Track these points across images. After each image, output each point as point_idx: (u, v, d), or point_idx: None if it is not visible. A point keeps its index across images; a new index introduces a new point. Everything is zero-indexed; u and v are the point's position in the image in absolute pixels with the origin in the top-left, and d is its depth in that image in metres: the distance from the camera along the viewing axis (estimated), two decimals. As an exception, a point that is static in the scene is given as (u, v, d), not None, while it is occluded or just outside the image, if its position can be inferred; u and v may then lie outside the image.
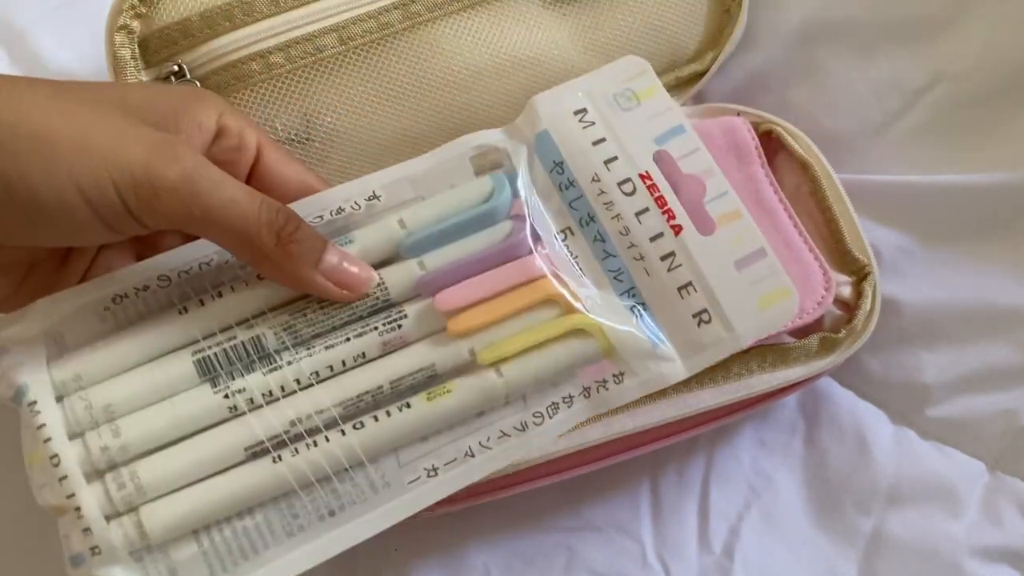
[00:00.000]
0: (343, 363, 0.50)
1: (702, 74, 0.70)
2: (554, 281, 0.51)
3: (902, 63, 0.69)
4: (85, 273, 0.52)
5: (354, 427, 0.48)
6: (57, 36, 0.73)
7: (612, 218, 0.53)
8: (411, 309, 0.51)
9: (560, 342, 0.50)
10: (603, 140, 0.54)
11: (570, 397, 0.51)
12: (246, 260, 0.49)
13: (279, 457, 0.48)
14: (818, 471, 0.66)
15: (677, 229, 0.52)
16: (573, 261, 0.53)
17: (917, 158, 0.69)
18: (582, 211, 0.54)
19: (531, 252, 0.52)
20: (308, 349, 0.49)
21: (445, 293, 0.50)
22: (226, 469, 0.48)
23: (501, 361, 0.50)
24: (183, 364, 0.49)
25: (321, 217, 0.52)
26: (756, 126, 0.66)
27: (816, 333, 0.61)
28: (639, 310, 0.52)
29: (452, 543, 0.64)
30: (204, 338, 0.49)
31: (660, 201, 0.53)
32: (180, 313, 0.50)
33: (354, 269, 0.50)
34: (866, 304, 0.61)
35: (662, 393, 0.58)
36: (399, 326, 0.50)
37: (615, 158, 0.54)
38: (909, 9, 0.69)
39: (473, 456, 0.50)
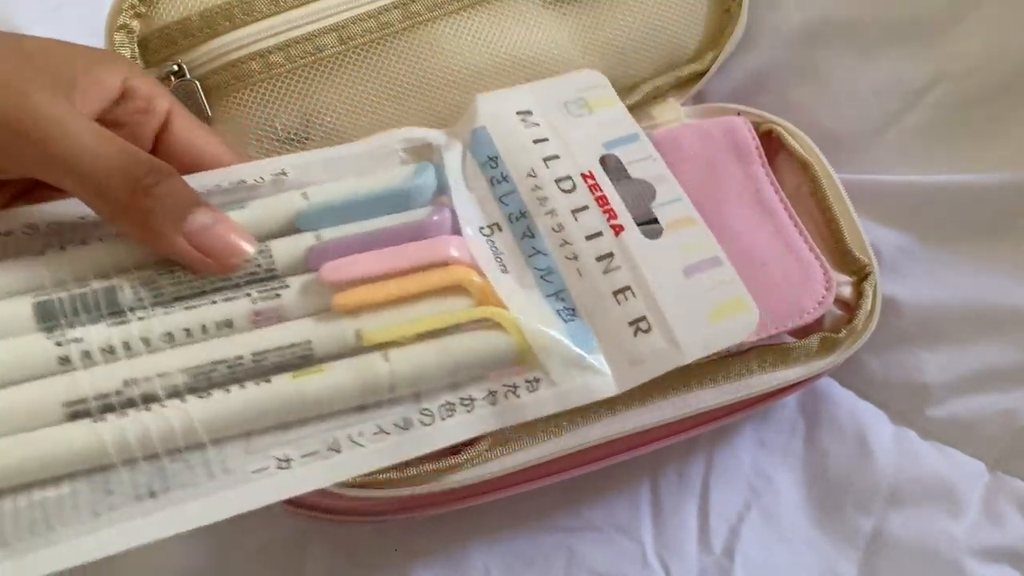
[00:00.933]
0: (203, 328, 0.43)
1: (702, 74, 0.70)
2: (471, 270, 0.45)
3: (902, 63, 0.69)
4: None
5: (198, 396, 0.41)
6: (57, 36, 0.73)
7: (545, 214, 0.48)
8: (296, 281, 0.44)
9: (467, 334, 0.44)
10: (545, 140, 0.50)
11: (471, 400, 0.43)
12: (102, 215, 0.44)
13: (102, 419, 0.40)
14: (818, 471, 0.66)
15: (618, 229, 0.47)
16: (497, 257, 0.47)
17: (917, 158, 0.69)
18: (513, 207, 0.48)
19: (448, 235, 0.46)
20: (167, 308, 0.43)
21: (334, 263, 0.44)
22: (39, 427, 0.40)
23: (390, 345, 0.43)
24: (21, 306, 0.42)
25: (219, 186, 0.46)
26: (756, 126, 0.67)
27: (816, 333, 0.61)
28: (567, 314, 0.46)
29: (452, 543, 0.64)
30: (53, 285, 0.43)
31: (601, 200, 0.48)
32: (36, 256, 0.44)
33: (229, 235, 0.44)
34: (866, 304, 0.61)
35: (661, 393, 0.58)
36: (277, 295, 0.44)
37: (556, 156, 0.49)
38: (909, 9, 0.69)
39: (339, 451, 0.42)
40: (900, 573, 0.63)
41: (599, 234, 0.47)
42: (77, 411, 0.40)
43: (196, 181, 0.45)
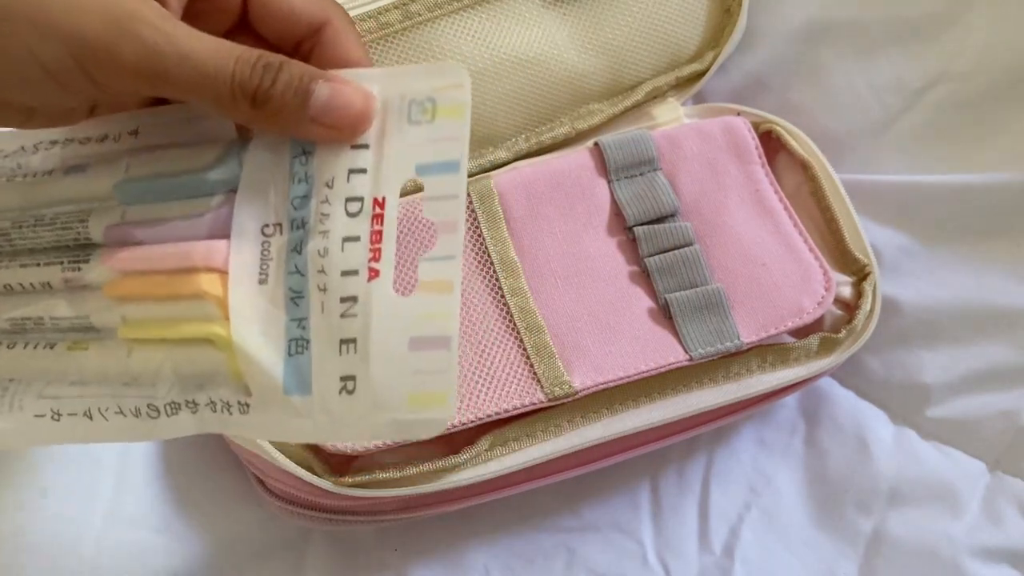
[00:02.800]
0: (29, 285, 0.47)
1: (702, 74, 0.69)
2: (218, 278, 0.44)
3: (903, 63, 0.69)
4: None
5: (7, 347, 0.47)
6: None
7: (319, 233, 0.44)
8: (96, 255, 0.46)
9: (196, 348, 0.44)
10: (365, 147, 0.45)
11: (195, 404, 0.44)
12: (227, 118, 0.45)
13: None
14: (818, 471, 0.67)
15: (373, 274, 0.43)
16: (264, 263, 0.45)
17: (917, 158, 0.69)
18: (300, 212, 0.45)
19: (214, 238, 0.45)
20: (10, 260, 0.47)
21: (118, 252, 0.44)
22: None
23: (136, 342, 0.45)
24: None
25: (88, 137, 0.48)
26: (756, 126, 0.67)
27: (816, 333, 0.61)
28: (299, 346, 0.44)
29: (452, 543, 0.64)
30: None
31: (375, 236, 0.43)
32: None
33: (350, 110, 0.43)
34: (866, 304, 0.62)
35: (661, 393, 0.59)
36: (79, 268, 0.46)
37: (363, 171, 0.45)
38: (909, 9, 0.69)
39: (91, 419, 0.45)
40: (900, 573, 0.63)
41: (354, 273, 0.43)
42: None
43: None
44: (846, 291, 0.62)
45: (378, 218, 0.44)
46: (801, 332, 0.61)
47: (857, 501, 0.65)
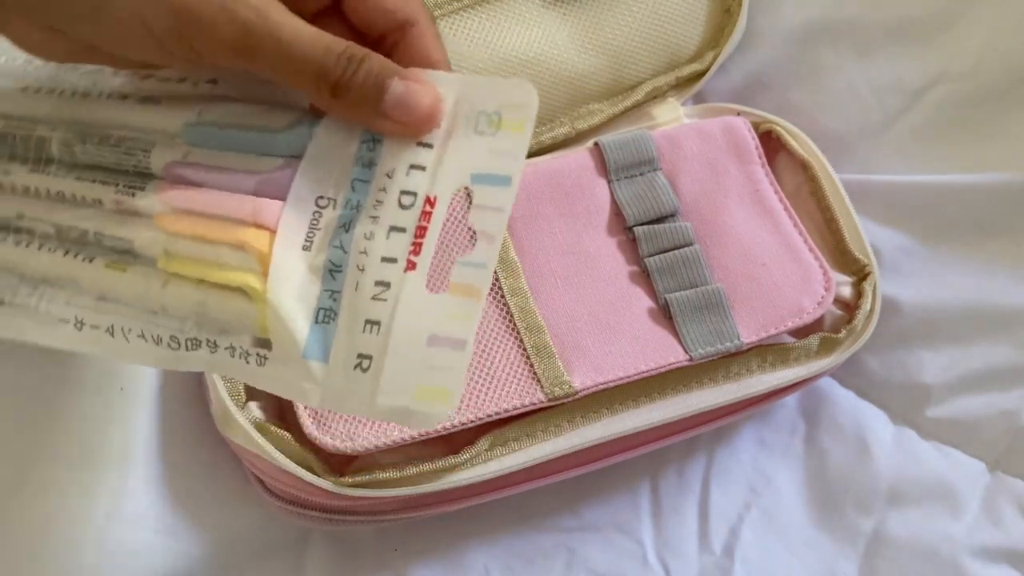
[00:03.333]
0: (81, 198, 0.49)
1: (702, 74, 0.69)
2: (266, 237, 0.46)
3: (902, 63, 0.69)
4: None
5: (48, 250, 0.49)
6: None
7: (370, 217, 0.46)
8: (152, 185, 0.48)
9: (231, 294, 0.46)
10: (429, 146, 0.47)
11: (215, 345, 0.47)
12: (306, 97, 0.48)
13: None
14: (818, 471, 0.67)
15: (410, 265, 0.45)
16: (311, 231, 0.47)
17: (917, 158, 0.69)
18: (356, 195, 0.47)
19: (275, 201, 0.47)
20: (68, 171, 0.50)
21: (174, 189, 0.47)
22: None
23: (174, 276, 0.47)
24: None
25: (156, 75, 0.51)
26: (756, 126, 0.67)
27: (816, 333, 0.61)
28: (326, 316, 0.46)
29: (452, 543, 0.64)
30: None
31: (420, 232, 0.45)
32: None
33: (422, 101, 0.45)
34: (866, 304, 0.62)
35: (661, 393, 0.59)
36: (132, 194, 0.48)
37: (422, 168, 0.47)
38: (909, 9, 0.69)
39: (112, 336, 0.48)
40: (900, 573, 0.63)
41: (393, 261, 0.46)
42: None
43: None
44: (846, 291, 0.63)
45: (426, 215, 0.46)
46: (801, 332, 0.61)
47: (857, 501, 0.65)
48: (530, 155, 0.66)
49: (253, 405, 0.57)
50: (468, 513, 0.63)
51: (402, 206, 0.46)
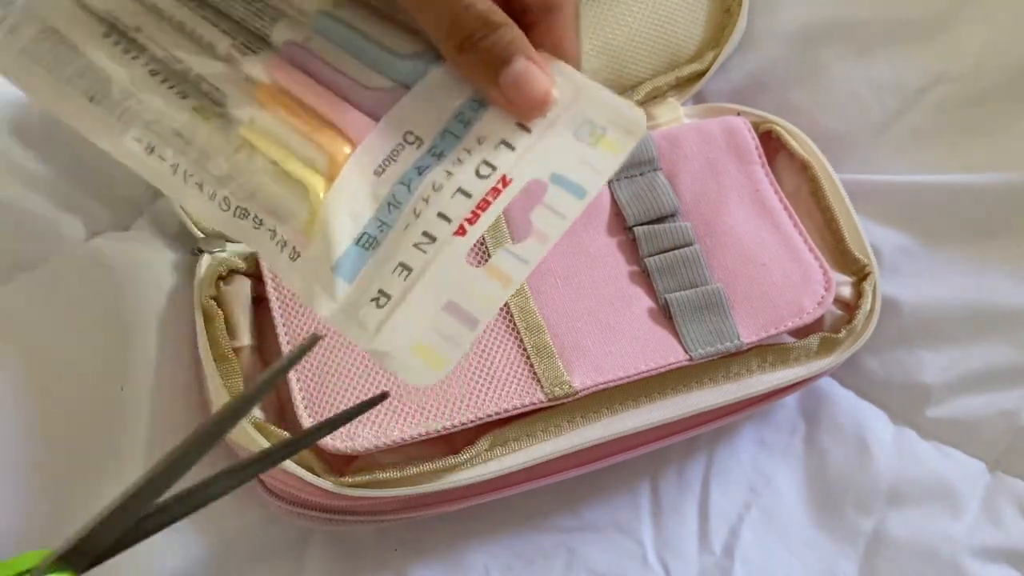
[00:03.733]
0: (198, 36, 0.52)
1: (702, 74, 0.69)
2: (346, 148, 0.49)
3: (902, 63, 0.69)
4: None
5: (149, 72, 0.52)
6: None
7: (446, 172, 0.47)
8: (264, 54, 0.51)
9: (293, 184, 0.49)
10: (528, 130, 0.48)
11: (260, 221, 0.49)
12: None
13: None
14: (818, 471, 0.66)
15: (461, 231, 0.46)
16: (387, 161, 0.49)
17: (917, 158, 0.69)
18: (442, 145, 0.48)
19: (367, 117, 0.49)
20: (197, 6, 0.52)
21: (285, 66, 0.50)
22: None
23: (249, 145, 0.50)
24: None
25: None
26: (756, 126, 0.67)
27: (816, 333, 0.61)
28: (368, 241, 0.48)
29: (452, 543, 0.64)
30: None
31: (484, 204, 0.46)
32: None
33: (534, 89, 0.46)
34: (866, 304, 0.62)
35: (661, 393, 0.59)
36: (245, 54, 0.51)
37: (512, 148, 0.48)
38: (909, 9, 0.69)
39: (174, 173, 0.50)
40: (900, 573, 0.63)
41: (448, 220, 0.47)
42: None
43: None
44: (846, 291, 0.63)
45: (495, 192, 0.47)
46: (801, 332, 0.61)
47: (857, 501, 0.65)
48: (530, 155, 0.66)
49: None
50: (468, 513, 0.63)
51: (479, 174, 0.47)
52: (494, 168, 0.47)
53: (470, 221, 0.46)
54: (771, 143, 0.67)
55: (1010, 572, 0.63)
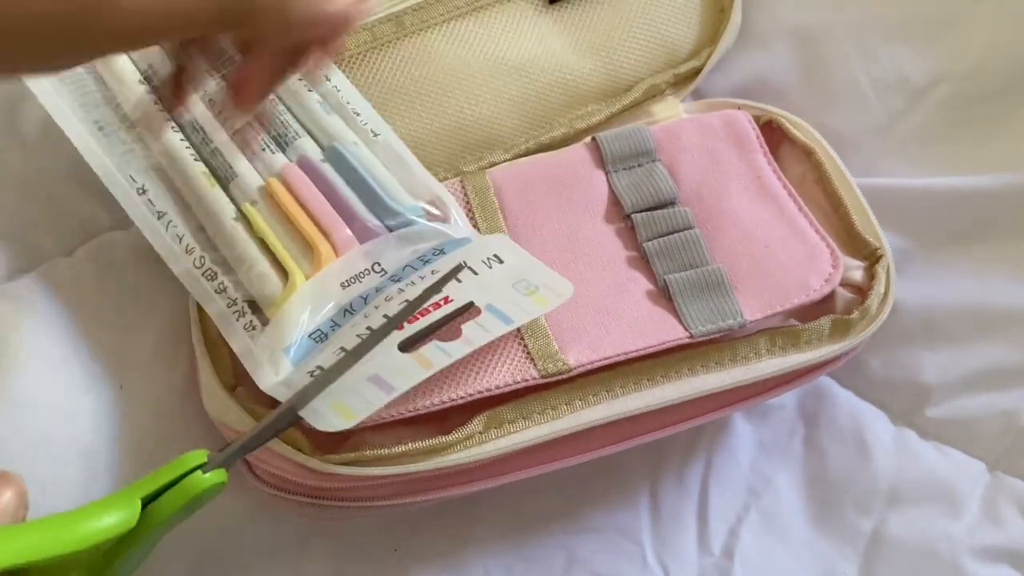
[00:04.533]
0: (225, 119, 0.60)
1: (699, 70, 0.70)
2: (333, 256, 0.57)
3: (905, 62, 0.70)
4: None
5: (172, 126, 0.59)
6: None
7: (398, 289, 0.56)
8: (281, 159, 0.60)
9: (272, 268, 0.57)
10: (474, 273, 0.56)
11: (223, 289, 0.57)
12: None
13: None
14: (818, 472, 0.66)
15: (401, 327, 0.53)
16: (353, 279, 0.57)
17: (920, 157, 0.70)
18: (402, 275, 0.57)
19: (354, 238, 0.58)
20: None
21: (292, 171, 0.59)
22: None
23: (245, 221, 0.58)
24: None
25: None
26: (757, 119, 0.67)
27: (827, 316, 0.60)
28: (320, 337, 0.55)
29: (452, 545, 0.64)
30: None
31: (424, 312, 0.54)
32: None
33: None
34: (879, 286, 0.61)
35: (665, 375, 0.58)
36: (263, 150, 0.60)
37: (459, 281, 0.56)
38: (912, 8, 0.69)
39: (158, 219, 0.58)
40: (900, 573, 0.63)
41: (392, 321, 0.53)
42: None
43: None
44: (858, 275, 0.62)
45: (437, 305, 0.54)
46: (810, 313, 0.61)
47: (857, 501, 0.65)
48: (528, 155, 0.66)
49: (242, 390, 0.57)
50: (468, 514, 0.63)
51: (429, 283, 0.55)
52: (440, 291, 0.55)
53: (410, 321, 0.54)
54: (773, 134, 0.67)
55: (1010, 572, 0.63)
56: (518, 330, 0.57)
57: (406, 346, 0.53)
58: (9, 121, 0.66)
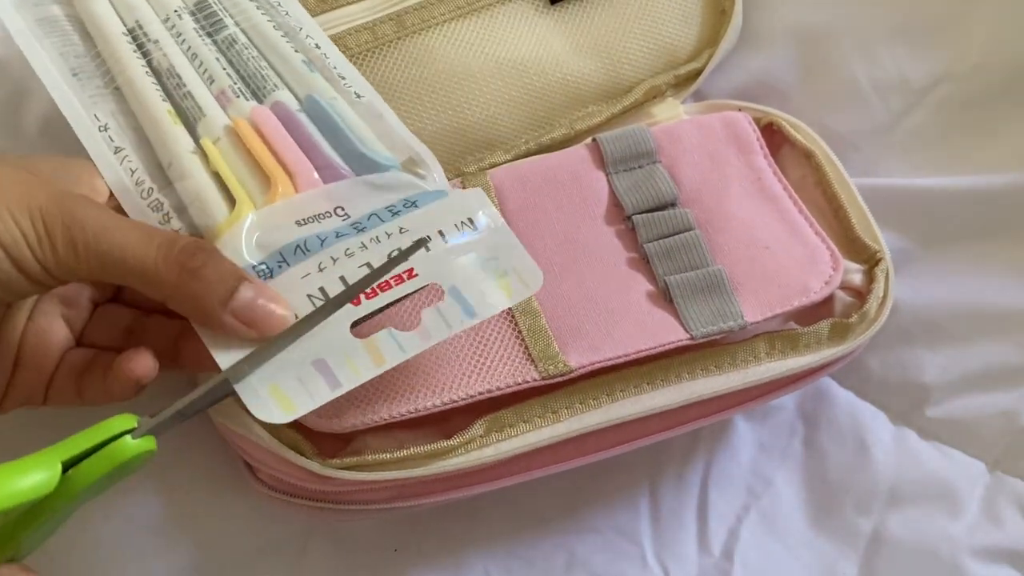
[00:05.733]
0: (203, 68, 0.59)
1: (699, 72, 0.70)
2: (291, 189, 0.54)
3: (905, 63, 0.70)
4: (20, 341, 0.52)
5: (144, 68, 0.59)
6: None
7: (360, 242, 0.52)
8: (252, 104, 0.57)
9: (223, 195, 0.54)
10: (444, 239, 0.53)
11: (168, 218, 0.54)
12: (156, 298, 0.48)
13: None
14: (818, 472, 0.66)
15: (356, 301, 0.50)
16: (311, 218, 0.53)
17: (920, 157, 0.70)
18: (367, 224, 0.53)
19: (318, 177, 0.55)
20: (216, 49, 0.60)
21: (261, 113, 0.57)
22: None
23: (202, 155, 0.55)
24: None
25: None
26: (757, 120, 0.67)
27: (826, 319, 0.60)
28: (264, 273, 0.51)
29: (452, 545, 0.64)
30: None
31: (384, 285, 0.51)
32: None
33: (269, 307, 0.48)
34: (879, 289, 0.61)
35: (664, 379, 0.58)
36: (237, 96, 0.58)
37: (428, 249, 0.52)
38: (913, 9, 0.69)
39: (115, 155, 0.56)
40: (900, 573, 0.63)
41: (345, 284, 0.50)
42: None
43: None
44: (857, 278, 0.62)
45: (399, 279, 0.51)
46: (810, 317, 0.61)
47: (857, 502, 0.65)
48: (528, 156, 0.66)
49: None
50: (468, 514, 0.63)
51: (389, 257, 0.51)
52: (406, 260, 0.51)
53: (368, 296, 0.50)
54: (774, 136, 0.67)
55: (1010, 572, 0.63)
56: (518, 330, 0.57)
57: (359, 325, 0.51)
58: (9, 118, 0.65)
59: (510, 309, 0.58)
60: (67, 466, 0.43)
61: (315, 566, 0.63)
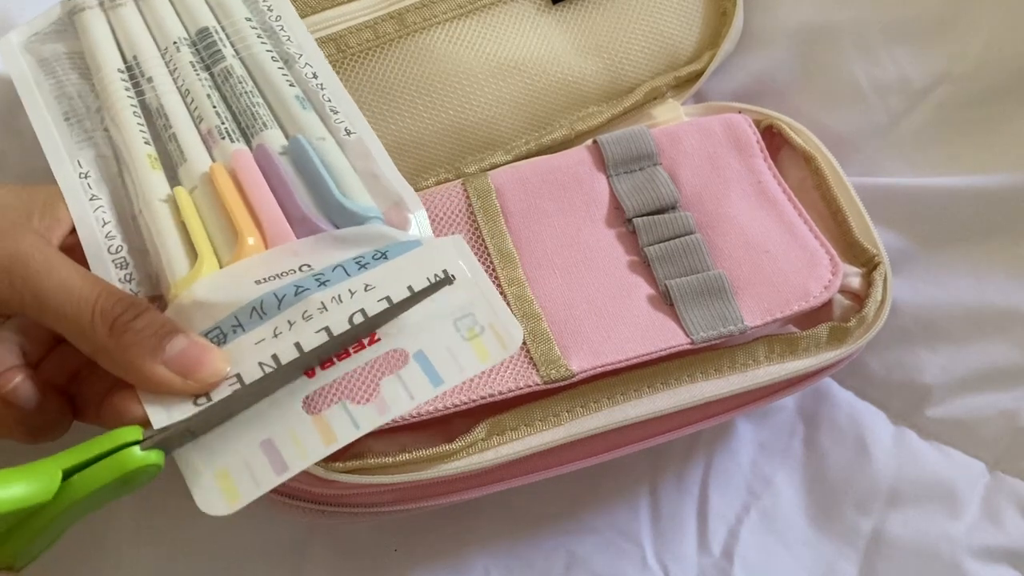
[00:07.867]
0: (193, 106, 0.58)
1: (700, 73, 0.70)
2: (261, 248, 0.52)
3: (905, 63, 0.70)
4: None
5: (133, 106, 0.58)
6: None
7: (320, 302, 0.50)
8: (238, 145, 0.56)
9: (187, 252, 0.53)
10: (412, 295, 0.50)
11: (130, 278, 0.52)
12: (84, 351, 0.47)
13: None
14: (818, 472, 0.66)
15: (311, 372, 0.48)
16: (272, 277, 0.51)
17: (920, 158, 0.70)
18: (331, 277, 0.51)
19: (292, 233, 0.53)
20: (210, 85, 0.59)
21: (242, 159, 0.55)
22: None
23: (173, 205, 0.54)
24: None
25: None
26: (758, 123, 0.67)
27: (825, 323, 0.60)
28: (219, 339, 0.49)
29: (452, 545, 0.64)
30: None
31: (343, 354, 0.49)
32: None
33: (205, 355, 0.47)
34: (877, 293, 0.61)
35: (665, 383, 0.58)
36: (223, 137, 0.56)
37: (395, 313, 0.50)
38: (912, 9, 0.69)
39: (90, 202, 0.55)
40: (900, 573, 0.63)
41: (301, 351, 0.48)
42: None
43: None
44: (856, 282, 0.62)
45: (360, 346, 0.49)
46: (809, 321, 0.61)
47: (857, 502, 0.65)
48: (529, 157, 0.66)
49: None
50: (468, 514, 0.63)
51: (350, 322, 0.49)
52: (372, 329, 0.49)
53: (323, 366, 0.48)
54: (774, 139, 0.67)
55: (1010, 572, 0.63)
56: None
57: (311, 402, 0.48)
58: (9, 119, 0.65)
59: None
60: (69, 475, 0.43)
61: (315, 566, 0.63)
